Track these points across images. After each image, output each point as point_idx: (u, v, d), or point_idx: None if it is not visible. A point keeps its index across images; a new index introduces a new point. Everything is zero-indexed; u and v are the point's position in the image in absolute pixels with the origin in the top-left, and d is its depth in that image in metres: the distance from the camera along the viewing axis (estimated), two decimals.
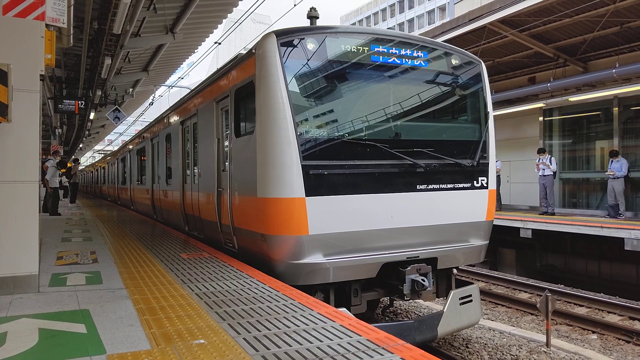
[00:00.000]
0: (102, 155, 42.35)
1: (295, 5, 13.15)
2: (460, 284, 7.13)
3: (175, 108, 11.16)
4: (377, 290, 6.43)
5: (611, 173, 12.76)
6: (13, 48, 4.82)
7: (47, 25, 5.19)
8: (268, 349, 3.26)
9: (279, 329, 3.69)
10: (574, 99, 14.18)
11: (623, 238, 10.40)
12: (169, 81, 23.98)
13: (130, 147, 18.54)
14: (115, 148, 37.30)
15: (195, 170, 9.01)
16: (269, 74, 5.67)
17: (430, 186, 6.29)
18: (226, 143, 7.24)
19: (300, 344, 3.34)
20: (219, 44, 15.29)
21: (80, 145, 40.30)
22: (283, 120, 5.54)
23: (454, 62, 6.84)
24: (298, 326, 3.75)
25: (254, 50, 6.07)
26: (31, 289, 4.88)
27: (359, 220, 5.77)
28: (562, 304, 9.82)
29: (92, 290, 4.98)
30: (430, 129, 6.81)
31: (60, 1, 5.51)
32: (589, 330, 8.47)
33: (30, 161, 4.95)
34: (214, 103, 7.67)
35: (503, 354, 7.15)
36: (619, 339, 8.02)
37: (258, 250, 6.06)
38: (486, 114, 6.97)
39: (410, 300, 8.94)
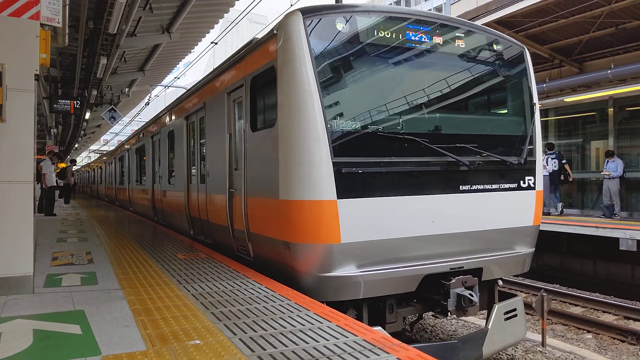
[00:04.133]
0: (99, 154, 42.14)
1: (291, 5, 13.14)
2: (502, 296, 6.40)
3: (178, 102, 10.44)
4: (413, 305, 5.78)
5: (607, 173, 12.82)
6: (7, 47, 4.79)
7: (42, 25, 5.16)
8: (264, 349, 3.26)
9: (275, 329, 3.68)
10: (569, 99, 14.23)
11: (618, 238, 10.45)
12: (165, 81, 23.96)
13: (129, 145, 18.00)
14: (112, 148, 37.17)
15: (203, 170, 8.34)
16: (293, 58, 5.01)
17: (474, 187, 5.62)
18: (240, 139, 6.59)
19: (297, 344, 3.34)
20: (216, 44, 15.27)
21: (76, 145, 40.16)
22: (310, 111, 4.88)
23: (497, 47, 6.15)
24: (294, 326, 3.74)
25: (275, 31, 5.36)
26: (26, 290, 4.85)
27: (396, 226, 5.13)
28: (557, 303, 9.85)
29: (87, 291, 4.96)
30: (472, 122, 6.20)
31: (55, 0, 5.48)
32: (584, 329, 8.50)
33: (25, 161, 4.93)
34: (225, 95, 7.01)
35: (499, 353, 7.16)
36: (614, 339, 8.05)
37: (279, 260, 5.41)
38: (532, 106, 6.27)
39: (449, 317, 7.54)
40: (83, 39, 12.68)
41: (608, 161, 12.95)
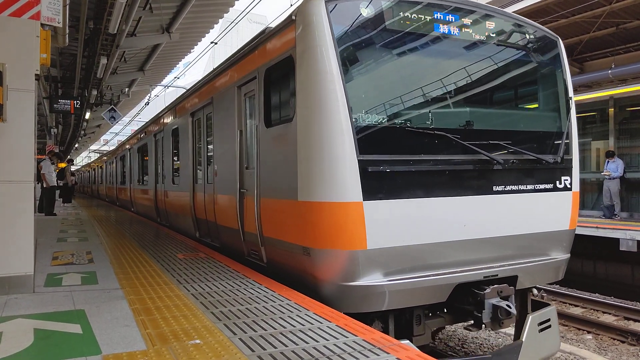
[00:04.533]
0: (100, 154, 42.04)
1: (291, 5, 13.14)
2: (534, 305, 5.98)
3: (183, 99, 9.95)
4: (442, 315, 5.35)
5: (607, 174, 12.82)
6: (8, 47, 4.80)
7: (42, 25, 5.16)
8: (264, 349, 3.26)
9: (275, 329, 3.68)
10: None
11: (618, 239, 10.45)
12: (165, 81, 23.98)
13: (131, 144, 17.62)
14: (112, 147, 37.10)
15: (210, 169, 7.95)
16: (315, 45, 4.62)
17: (509, 187, 5.22)
18: (252, 135, 6.23)
19: (297, 344, 3.34)
20: (215, 43, 15.26)
21: (76, 145, 40.17)
22: (334, 103, 4.48)
23: (531, 36, 5.76)
24: (294, 326, 3.75)
25: (294, 17, 4.96)
26: (26, 289, 4.86)
27: (427, 230, 4.74)
28: (557, 304, 9.86)
29: (87, 291, 4.97)
30: (504, 117, 5.79)
31: (56, 0, 5.49)
32: (584, 330, 8.50)
33: (25, 161, 4.93)
34: (235, 88, 6.62)
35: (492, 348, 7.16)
36: (614, 339, 8.05)
37: (297, 267, 5.03)
38: (567, 100, 5.85)
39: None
40: (83, 39, 12.69)
41: (608, 161, 12.96)
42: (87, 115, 21.25)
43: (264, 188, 5.67)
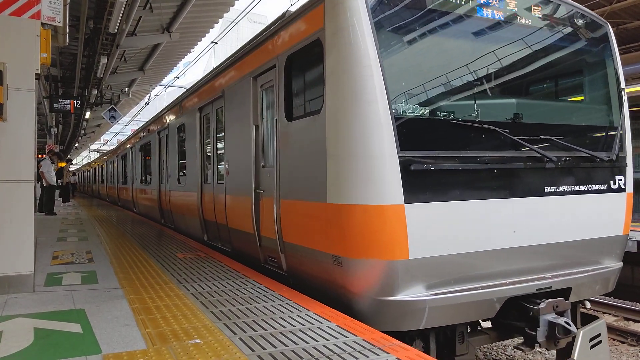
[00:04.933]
0: (100, 153, 41.96)
1: (291, 5, 13.15)
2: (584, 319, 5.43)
3: (190, 93, 9.37)
4: (486, 332, 4.86)
5: None
6: (8, 46, 4.80)
7: (42, 24, 5.17)
8: (264, 348, 3.26)
9: (275, 328, 3.69)
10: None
11: None
12: (165, 81, 23.99)
13: (133, 142, 17.14)
14: (113, 147, 37.01)
15: (221, 167, 7.48)
16: (348, 25, 4.09)
17: (561, 188, 4.71)
18: (270, 130, 5.77)
19: (297, 344, 3.34)
20: (215, 43, 15.26)
21: (76, 145, 40.16)
22: (371, 91, 3.98)
23: (580, 22, 5.23)
24: (294, 326, 3.75)
25: None
26: (26, 289, 4.86)
27: (474, 237, 4.25)
28: None
29: (87, 290, 4.97)
30: (554, 110, 5.29)
31: (56, 0, 5.49)
32: None
33: (25, 160, 4.93)
34: (250, 80, 6.10)
35: (498, 353, 7.17)
36: (614, 340, 8.05)
37: (325, 278, 4.54)
38: (619, 92, 5.36)
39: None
40: (83, 39, 12.69)
41: None
42: (87, 115, 21.26)
43: (285, 189, 5.18)
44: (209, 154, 8.26)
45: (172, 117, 11.02)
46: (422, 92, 4.37)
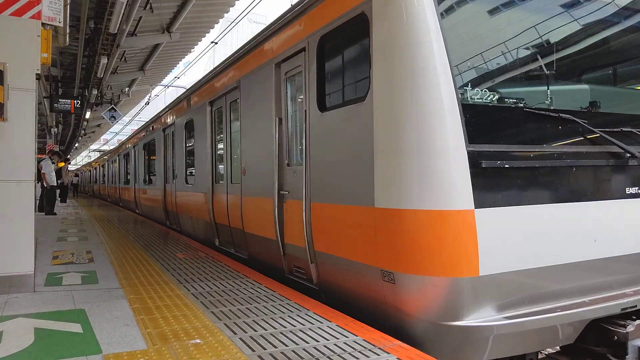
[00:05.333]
0: (101, 153, 41.86)
1: (291, 5, 13.14)
2: None
3: (200, 86, 8.72)
4: (555, 358, 4.18)
5: None
6: (9, 47, 4.81)
7: (43, 24, 5.18)
8: (264, 348, 3.26)
9: (276, 328, 3.69)
10: None
11: None
12: (165, 81, 23.97)
13: (136, 140, 16.52)
14: (114, 146, 36.92)
15: (236, 166, 6.88)
16: None
17: None
18: (297, 124, 5.20)
19: (297, 344, 3.35)
20: (216, 43, 15.27)
21: (76, 145, 40.17)
22: (431, 72, 3.36)
23: None
24: (295, 326, 3.75)
25: None
26: (27, 289, 4.86)
27: (553, 247, 3.59)
28: None
29: (88, 290, 4.97)
30: (631, 97, 4.66)
31: (57, 0, 5.49)
32: None
33: (26, 160, 4.94)
34: (273, 67, 5.50)
35: None
36: None
37: (370, 295, 3.90)
38: None
39: None
40: (84, 39, 12.71)
41: None
42: (88, 115, 21.26)
43: (317, 190, 4.58)
44: (221, 151, 7.61)
45: (179, 113, 10.34)
46: (492, 75, 3.75)
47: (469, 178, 3.31)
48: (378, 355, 3.15)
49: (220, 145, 7.72)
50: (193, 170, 9.18)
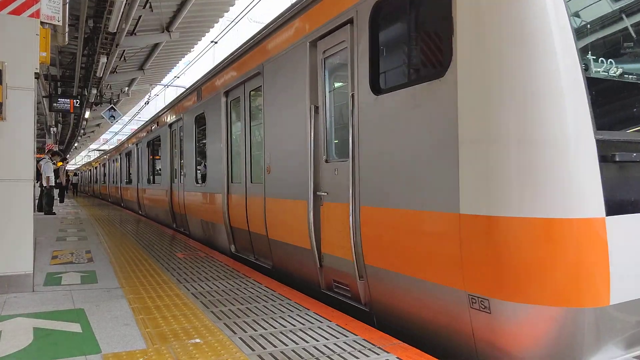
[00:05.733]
0: (101, 152, 41.67)
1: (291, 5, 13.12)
2: None
3: (212, 76, 8.01)
4: None
5: None
6: (8, 46, 4.79)
7: (42, 23, 5.16)
8: (264, 348, 3.25)
9: (275, 328, 3.68)
10: None
11: None
12: (165, 80, 23.94)
13: (139, 137, 15.74)
14: (114, 145, 36.80)
15: (256, 164, 6.19)
16: None
17: None
18: (336, 111, 4.59)
19: (297, 344, 3.34)
20: (216, 43, 15.25)
21: (76, 144, 40.15)
22: (546, 38, 2.60)
23: None
24: (294, 325, 3.74)
25: None
26: (26, 288, 4.85)
27: None
28: None
29: (87, 290, 4.96)
30: None
31: None
32: None
33: (25, 160, 4.92)
34: (307, 45, 4.77)
35: None
36: None
37: (445, 323, 3.19)
38: None
39: None
40: (83, 38, 12.69)
41: None
42: (87, 115, 21.24)
43: (370, 191, 3.83)
44: (239, 147, 6.80)
45: (188, 105, 9.49)
46: (616, 43, 2.96)
47: (599, 176, 2.57)
48: (378, 354, 3.14)
49: (239, 140, 6.87)
50: (204, 168, 8.49)
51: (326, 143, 4.65)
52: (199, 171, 9.01)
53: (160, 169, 12.57)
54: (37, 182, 13.10)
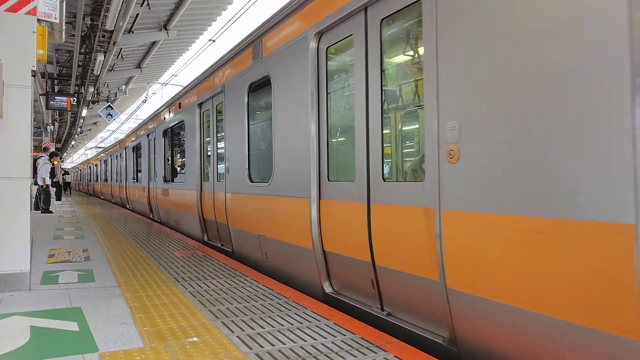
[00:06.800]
0: (99, 149, 41.26)
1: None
2: None
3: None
4: None
5: None
6: (4, 43, 4.76)
7: (39, 20, 5.14)
8: (262, 347, 3.25)
9: (273, 327, 3.67)
10: None
11: None
12: (163, 78, 23.89)
13: (151, 127, 13.18)
14: (113, 144, 36.32)
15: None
16: None
17: None
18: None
19: (294, 342, 3.33)
20: (213, 41, 15.22)
21: (72, 143, 40.06)
22: None
23: None
24: (292, 324, 3.74)
25: None
26: (23, 287, 4.83)
27: None
28: None
29: (84, 288, 4.94)
30: None
31: None
32: None
33: (21, 158, 4.90)
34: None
35: None
36: None
37: None
38: None
39: None
40: (80, 36, 12.65)
41: None
42: (84, 113, 21.20)
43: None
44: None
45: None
46: None
47: None
48: (375, 352, 3.14)
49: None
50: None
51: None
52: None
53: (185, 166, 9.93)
54: (33, 181, 13.07)
